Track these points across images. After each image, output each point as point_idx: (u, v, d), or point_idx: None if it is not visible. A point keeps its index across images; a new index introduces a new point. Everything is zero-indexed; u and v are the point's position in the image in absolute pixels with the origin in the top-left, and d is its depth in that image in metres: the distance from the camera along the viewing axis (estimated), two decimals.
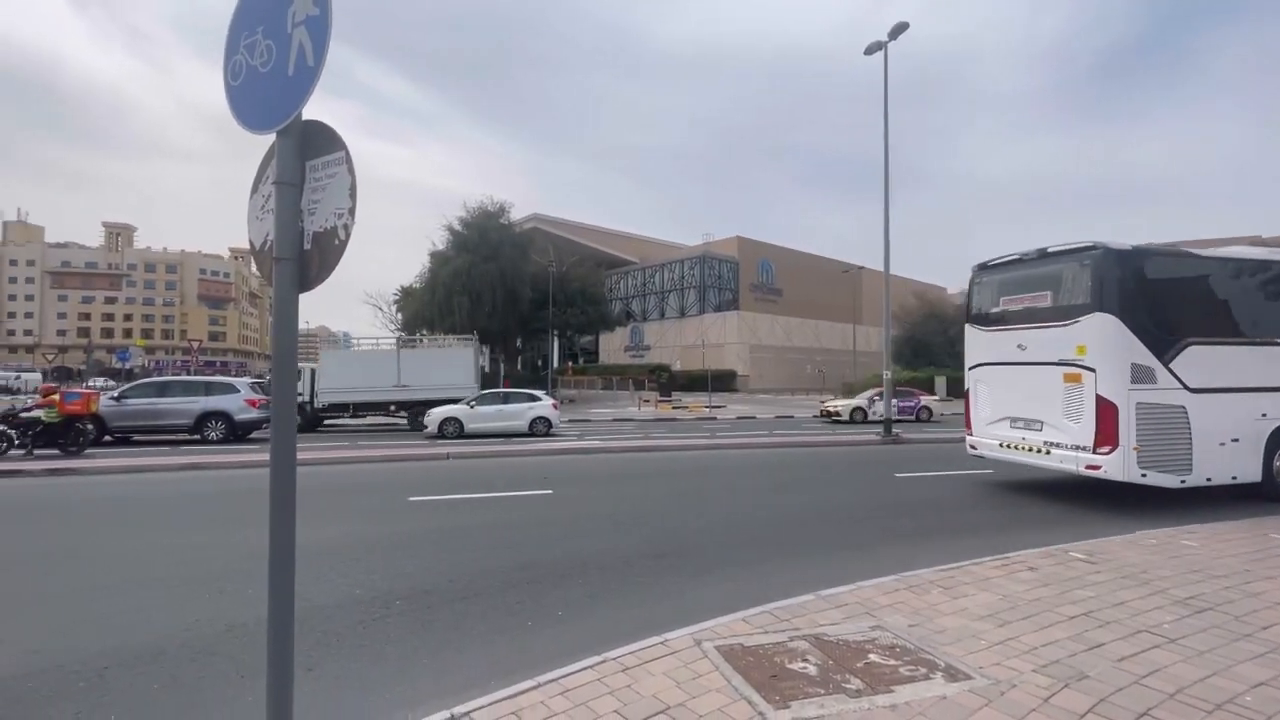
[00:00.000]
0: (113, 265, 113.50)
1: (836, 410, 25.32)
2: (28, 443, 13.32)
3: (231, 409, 16.89)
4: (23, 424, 13.40)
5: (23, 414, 13.64)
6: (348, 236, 2.03)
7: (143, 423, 16.49)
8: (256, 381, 17.84)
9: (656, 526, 7.57)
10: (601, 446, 15.38)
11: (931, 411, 26.00)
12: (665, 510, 8.57)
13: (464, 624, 4.60)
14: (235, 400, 17.04)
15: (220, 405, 16.82)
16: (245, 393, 17.34)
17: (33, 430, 13.41)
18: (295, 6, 2.01)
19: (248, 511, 8.44)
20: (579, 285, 39.33)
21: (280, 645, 2.04)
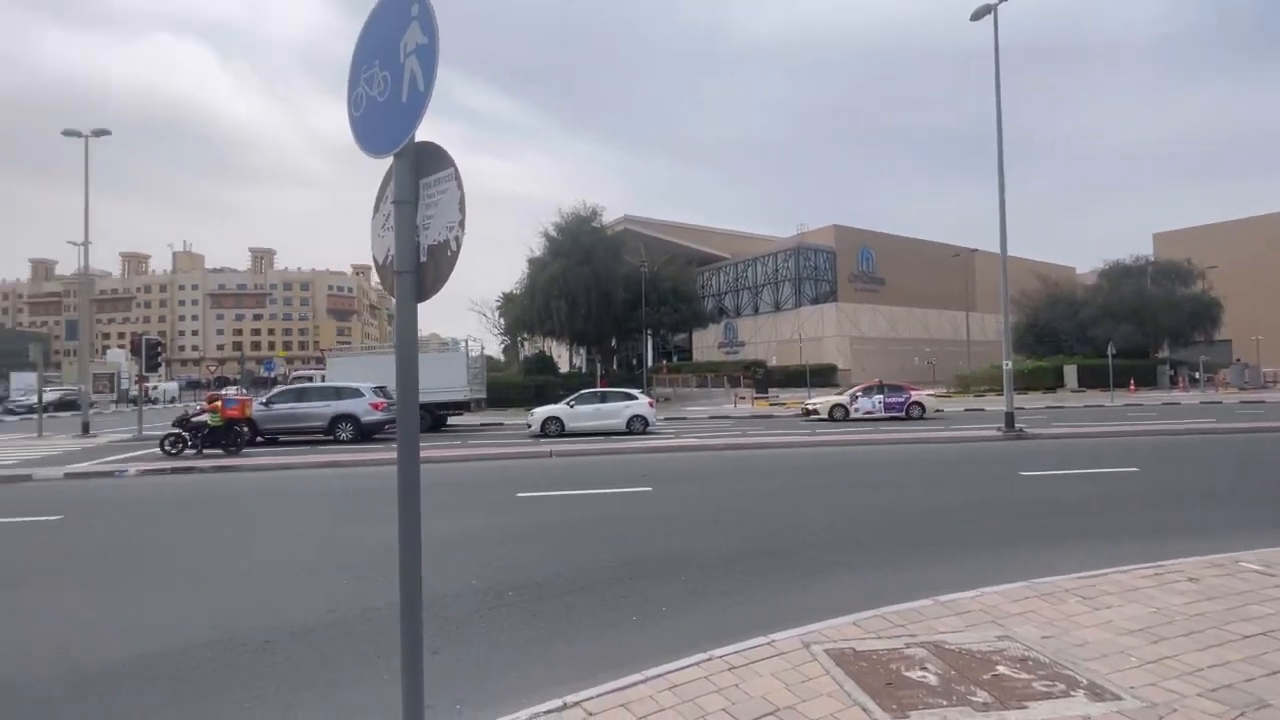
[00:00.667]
0: (258, 286, 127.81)
1: (815, 408, 23.79)
2: (198, 443, 15.31)
3: (358, 412, 18.49)
4: (194, 427, 15.42)
5: (194, 419, 15.67)
6: (459, 248, 2.16)
7: (286, 425, 18.42)
8: (379, 386, 19.40)
9: (758, 525, 7.46)
10: (699, 444, 15.36)
11: (925, 408, 23.24)
12: (766, 508, 8.42)
13: (572, 616, 4.76)
14: (361, 404, 18.64)
15: (349, 409, 18.46)
16: (369, 397, 18.92)
17: (201, 432, 15.39)
18: (406, 37, 2.17)
19: (377, 506, 9.20)
20: (671, 284, 39.49)
21: (411, 629, 2.21)
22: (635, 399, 19.88)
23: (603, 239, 36.01)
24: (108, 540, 7.68)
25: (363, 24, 2.39)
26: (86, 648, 4.35)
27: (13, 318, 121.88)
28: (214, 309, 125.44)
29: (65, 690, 3.74)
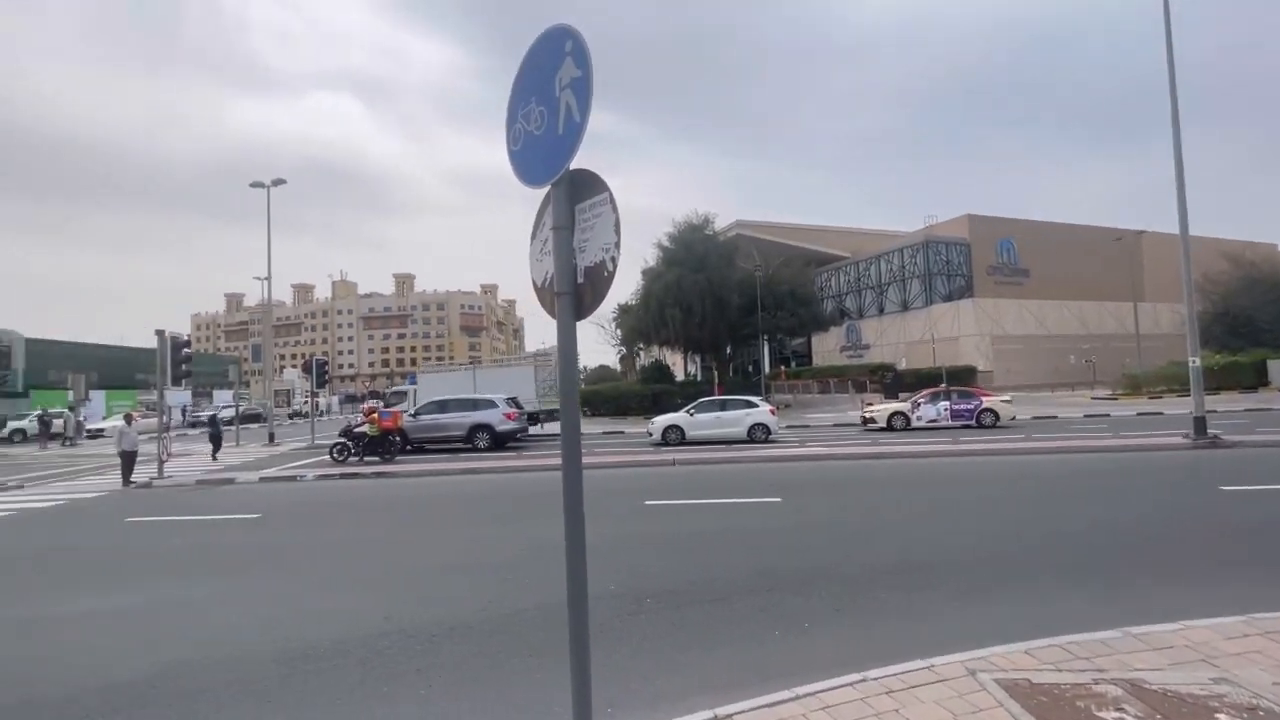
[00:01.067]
0: (401, 308, 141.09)
1: (873, 416, 21.53)
2: (359, 451, 17.14)
3: (494, 422, 19.77)
4: (356, 437, 17.30)
5: (355, 429, 17.57)
6: (615, 267, 2.25)
7: (430, 435, 20.10)
8: (511, 397, 20.61)
9: (901, 539, 7.03)
10: (827, 453, 14.78)
11: (998, 415, 20.51)
12: (908, 522, 7.91)
13: (712, 626, 4.75)
14: (496, 414, 19.92)
15: (485, 419, 19.80)
16: (503, 407, 20.18)
17: (362, 441, 17.23)
18: (561, 73, 2.31)
19: (514, 509, 9.79)
20: (787, 287, 38.47)
21: (579, 632, 2.30)
22: (756, 406, 19.50)
23: (715, 245, 35.89)
24: (295, 536, 8.79)
25: (518, 66, 2.57)
26: (289, 630, 5.00)
27: (212, 344, 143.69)
28: (365, 330, 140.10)
29: (277, 666, 4.31)
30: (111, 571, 7.30)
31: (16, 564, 7.83)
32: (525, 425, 21.82)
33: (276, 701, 3.82)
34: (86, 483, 15.42)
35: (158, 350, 16.07)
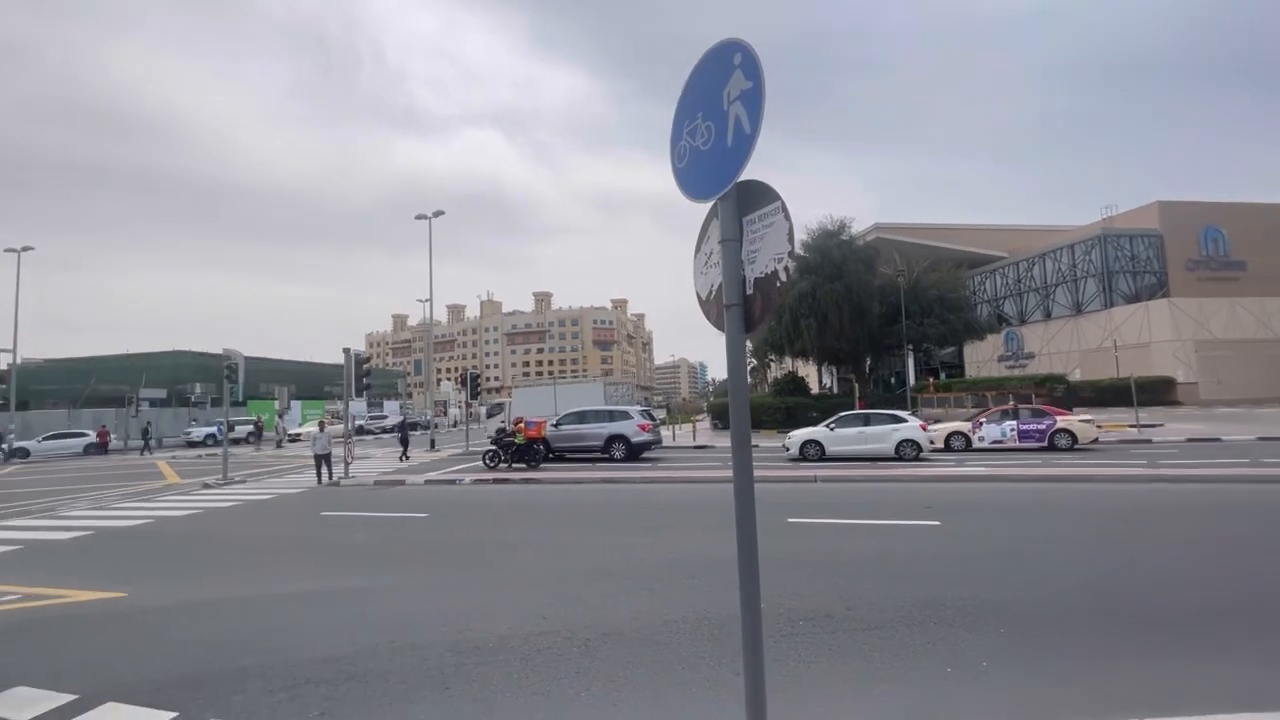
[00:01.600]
0: (539, 324, 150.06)
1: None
2: (509, 458, 18.37)
3: (629, 433, 20.26)
4: (506, 445, 18.57)
5: (505, 438, 18.86)
6: (788, 277, 2.20)
7: (571, 444, 21.02)
8: (646, 409, 21.02)
9: (1087, 573, 6.16)
10: (989, 473, 13.37)
11: (1076, 437, 18.12)
12: (1098, 554, 6.92)
13: (873, 657, 4.44)
14: (631, 425, 20.40)
15: (621, 430, 20.35)
16: (638, 419, 20.63)
17: (510, 449, 18.45)
18: (730, 86, 2.32)
19: (658, 520, 9.91)
20: (935, 292, 35.56)
21: (753, 648, 2.24)
22: (904, 421, 18.09)
23: (853, 251, 34.09)
24: (457, 534, 9.57)
25: (683, 84, 2.61)
26: (459, 622, 5.42)
27: (381, 360, 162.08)
28: (509, 345, 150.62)
29: (452, 655, 4.68)
30: (312, 558, 8.41)
31: (242, 548, 9.28)
32: (659, 437, 22.12)
33: (454, 689, 4.15)
34: (290, 479, 17.99)
35: (345, 366, 18.42)
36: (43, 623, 5.92)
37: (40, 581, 7.30)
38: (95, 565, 8.19)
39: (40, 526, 11.15)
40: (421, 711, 3.84)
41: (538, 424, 19.07)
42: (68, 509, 13.21)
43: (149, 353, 51.70)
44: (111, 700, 4.08)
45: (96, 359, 52.96)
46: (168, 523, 11.36)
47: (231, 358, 19.18)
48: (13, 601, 6.59)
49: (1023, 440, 18.89)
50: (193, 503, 13.67)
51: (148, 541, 9.81)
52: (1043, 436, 18.73)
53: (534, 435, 18.44)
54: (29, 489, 17.44)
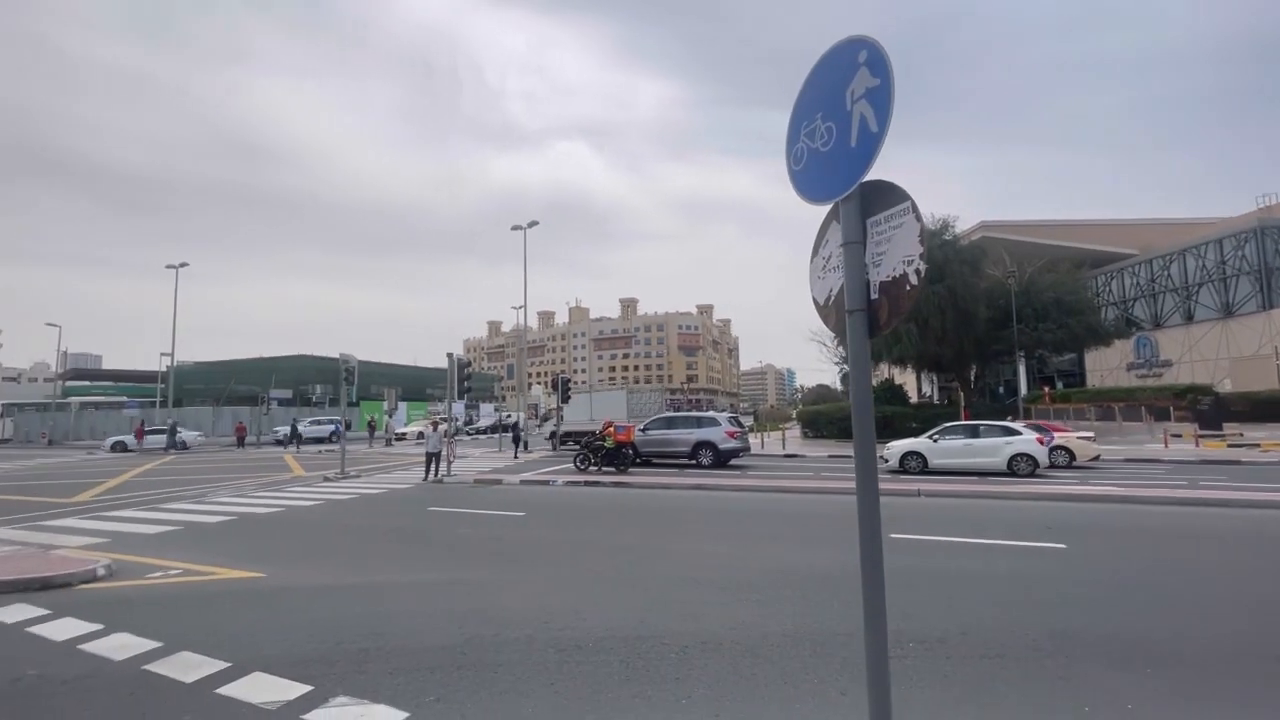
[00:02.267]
0: (625, 330, 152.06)
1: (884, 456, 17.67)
2: (598, 461, 18.71)
3: (716, 439, 20.06)
4: (596, 448, 18.93)
5: (596, 442, 19.24)
6: (919, 280, 2.09)
7: (657, 449, 21.10)
8: (734, 415, 20.79)
9: (1248, 611, 5.41)
10: (1122, 493, 12.10)
11: (1073, 454, 18.24)
12: (1256, 589, 6.07)
13: (993, 686, 4.13)
14: (719, 432, 20.20)
15: (709, 436, 20.20)
16: (725, 426, 20.39)
17: (600, 453, 18.78)
18: (854, 84, 2.24)
19: (752, 530, 9.74)
20: (1051, 294, 32.70)
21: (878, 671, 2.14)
22: (1018, 434, 16.70)
23: (957, 252, 32.00)
24: (553, 534, 9.84)
25: (799, 88, 2.56)
26: (560, 620, 5.55)
27: (478, 364, 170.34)
28: (595, 351, 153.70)
29: (554, 652, 4.81)
30: (422, 550, 8.94)
31: (360, 537, 10.02)
32: (748, 444, 21.76)
33: (558, 684, 4.26)
34: (398, 476, 19.25)
35: (448, 370, 19.51)
36: (200, 596, 6.67)
37: (196, 559, 8.23)
38: (238, 547, 9.12)
39: (195, 510, 12.58)
40: (531, 706, 3.96)
41: (627, 429, 19.31)
42: (214, 496, 14.82)
43: (276, 356, 57.16)
44: (257, 670, 4.51)
45: (234, 362, 59.18)
46: (295, 511, 12.47)
47: (348, 361, 20.81)
48: (176, 576, 7.47)
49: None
50: (316, 494, 14.93)
51: (280, 527, 10.81)
52: None
53: (623, 439, 18.67)
54: (185, 476, 19.74)
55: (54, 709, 4.10)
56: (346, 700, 4.05)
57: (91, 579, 7.17)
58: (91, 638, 5.28)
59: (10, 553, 8.41)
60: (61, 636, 5.34)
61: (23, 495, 15.55)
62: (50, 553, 8.43)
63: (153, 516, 11.86)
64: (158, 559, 8.31)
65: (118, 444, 34.22)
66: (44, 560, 7.82)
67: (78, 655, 4.94)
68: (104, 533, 10.28)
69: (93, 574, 7.24)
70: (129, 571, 7.66)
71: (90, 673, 4.62)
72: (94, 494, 15.62)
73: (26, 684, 4.46)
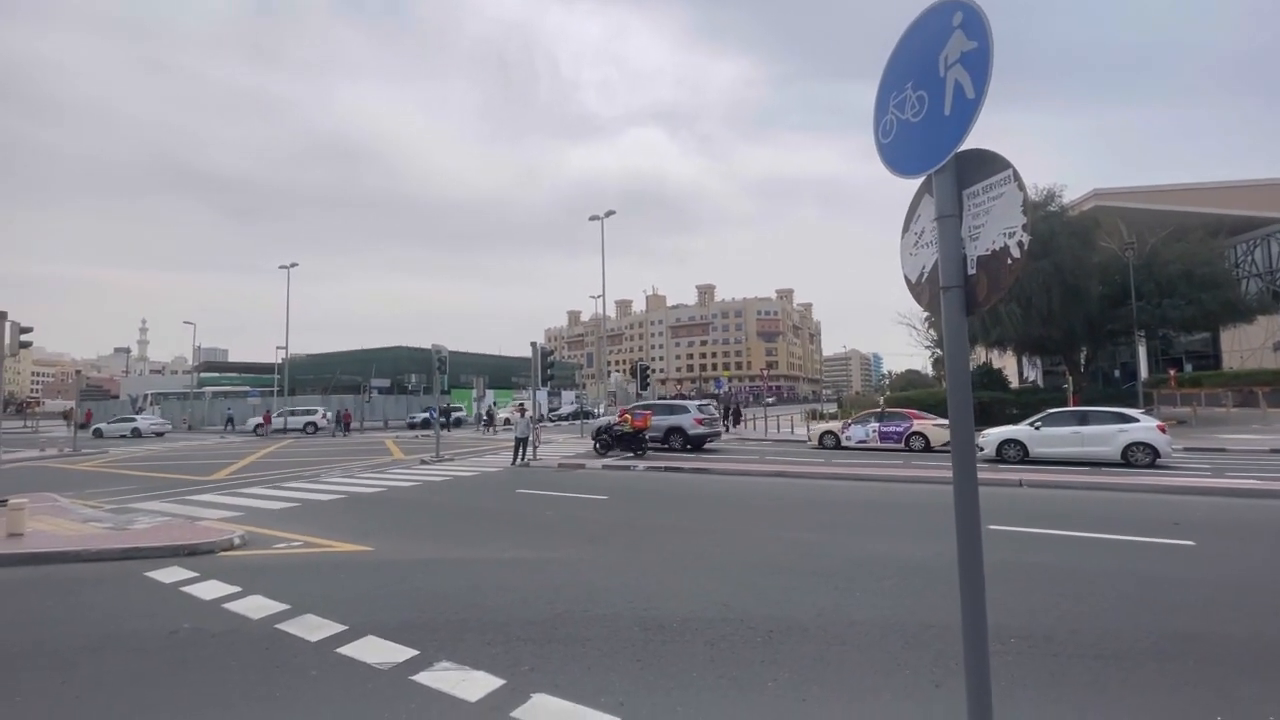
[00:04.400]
0: (703, 317, 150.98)
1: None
2: (617, 445, 19.50)
3: (685, 425, 20.99)
4: (617, 434, 19.75)
5: (615, 428, 20.00)
6: (1022, 253, 1.98)
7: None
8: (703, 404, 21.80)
9: None
10: (1260, 487, 10.83)
11: (929, 440, 18.91)
12: None
13: (1107, 689, 3.86)
14: (688, 419, 21.17)
15: (678, 423, 21.01)
16: (694, 414, 21.24)
17: (619, 436, 19.64)
18: (948, 49, 2.13)
19: (833, 517, 9.52)
20: (1178, 266, 29.34)
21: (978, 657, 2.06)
22: (1135, 421, 15.21)
23: (1065, 224, 29.31)
24: (635, 517, 10.00)
25: (887, 58, 2.46)
26: (643, 599, 5.68)
27: (559, 353, 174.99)
28: (672, 338, 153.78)
29: (640, 630, 4.94)
30: (511, 530, 9.37)
31: (455, 516, 10.63)
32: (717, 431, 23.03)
33: (645, 661, 4.38)
34: (488, 460, 20.20)
35: (532, 358, 20.22)
36: (319, 565, 7.34)
37: (313, 533, 9.05)
38: (348, 523, 9.93)
39: (310, 489, 13.80)
40: (618, 679, 4.10)
41: (644, 415, 20.37)
42: (326, 477, 16.17)
43: (375, 348, 61.09)
44: (370, 634, 4.93)
45: (338, 354, 63.87)
46: (397, 491, 13.39)
47: (440, 351, 21.99)
48: (298, 547, 8.25)
49: (883, 441, 20.20)
50: (414, 476, 15.95)
51: (383, 506, 11.65)
52: (899, 438, 19.91)
53: (640, 425, 19.58)
54: (300, 459, 21.64)
55: (206, 658, 4.67)
56: (449, 665, 4.35)
57: (229, 547, 8.06)
58: (233, 598, 5.95)
59: (163, 522, 9.58)
60: (209, 596, 6.06)
61: (169, 474, 17.61)
62: (195, 523, 9.54)
63: (275, 494, 13.10)
64: (282, 531, 9.20)
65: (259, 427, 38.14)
66: (191, 529, 8.86)
67: (222, 613, 5.60)
68: (237, 507, 11.48)
69: (230, 543, 8.14)
70: (259, 542, 8.54)
71: (233, 629, 5.22)
72: (226, 473, 17.45)
73: (183, 635, 5.10)
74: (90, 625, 5.45)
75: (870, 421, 21.07)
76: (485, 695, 3.91)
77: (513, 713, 3.69)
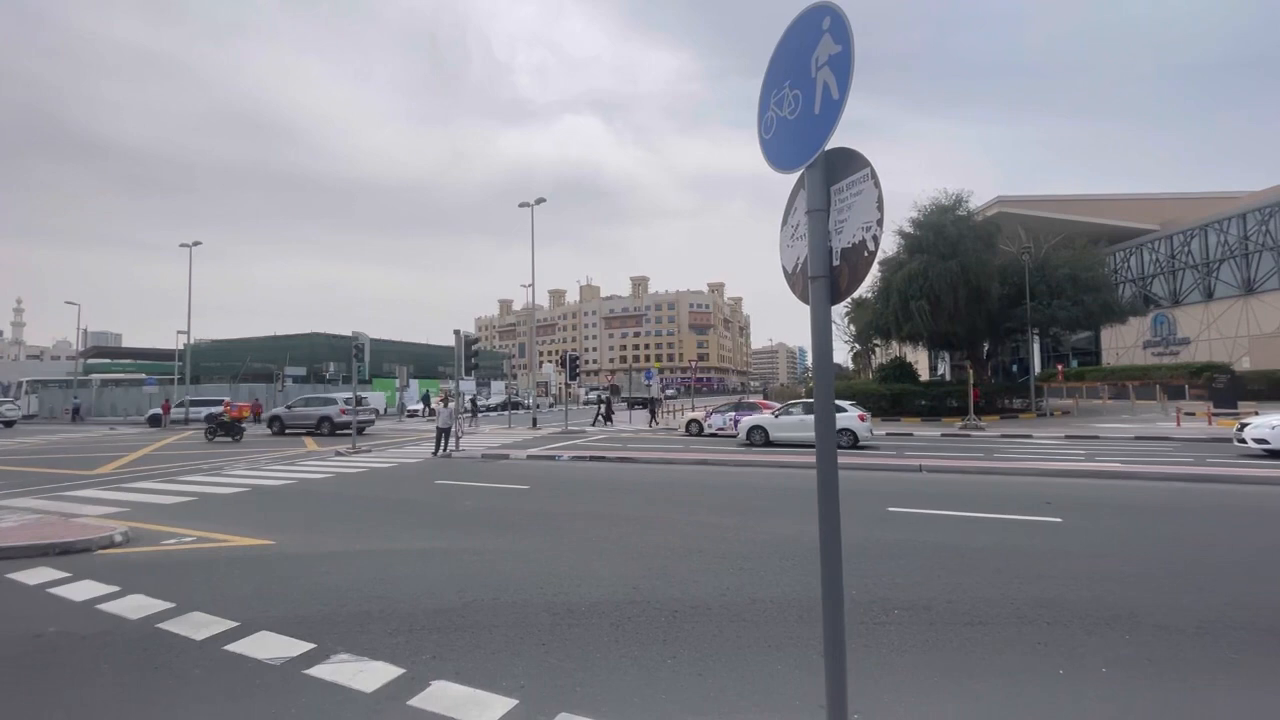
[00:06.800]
0: (636, 308, 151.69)
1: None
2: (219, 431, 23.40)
3: (332, 414, 24.63)
4: (222, 423, 23.57)
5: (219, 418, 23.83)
6: (877, 246, 2.13)
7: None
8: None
9: (1242, 587, 5.44)
10: (1123, 470, 12.08)
11: (767, 433, 19.45)
12: (1256, 565, 6.10)
13: (974, 651, 4.23)
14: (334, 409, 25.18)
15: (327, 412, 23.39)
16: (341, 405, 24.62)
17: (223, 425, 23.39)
18: (818, 51, 2.25)
19: (749, 502, 9.86)
20: (1066, 270, 32.06)
21: (834, 630, 2.23)
22: (843, 411, 17.92)
23: (970, 228, 31.41)
24: (555, 506, 9.99)
25: (770, 55, 2.57)
26: (554, 586, 5.72)
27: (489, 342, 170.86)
28: (606, 329, 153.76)
29: (548, 615, 4.97)
30: (427, 521, 9.15)
31: (369, 508, 10.27)
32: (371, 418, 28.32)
33: (549, 645, 4.41)
34: (409, 450, 19.58)
35: (455, 347, 19.68)
36: (212, 562, 6.92)
37: (209, 528, 8.51)
38: (250, 516, 9.40)
39: (210, 482, 12.93)
40: (521, 664, 4.12)
41: (240, 406, 26.03)
42: (230, 469, 15.19)
43: (290, 334, 57.70)
44: (263, 630, 4.72)
45: (248, 340, 59.91)
46: (308, 483, 12.78)
47: (359, 339, 21.08)
48: (190, 543, 7.74)
49: (720, 430, 22.72)
50: (328, 467, 15.26)
51: (291, 499, 11.10)
52: None
53: (236, 415, 24.88)
54: (202, 451, 20.20)
55: (73, 662, 4.33)
56: (347, 657, 4.24)
57: (109, 545, 7.46)
58: (108, 599, 5.53)
59: (34, 520, 8.74)
60: (80, 597, 5.60)
61: (47, 468, 16.04)
62: (71, 520, 8.75)
63: (169, 488, 12.21)
64: (173, 527, 8.60)
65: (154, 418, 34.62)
66: (65, 527, 8.13)
67: (95, 614, 5.19)
68: (123, 503, 10.62)
69: (110, 540, 7.53)
70: (145, 539, 7.95)
71: (107, 630, 4.85)
72: (114, 467, 16.07)
73: (48, 639, 4.70)
74: None
75: (728, 412, 23.20)
76: (382, 685, 3.83)
77: (410, 701, 3.65)
